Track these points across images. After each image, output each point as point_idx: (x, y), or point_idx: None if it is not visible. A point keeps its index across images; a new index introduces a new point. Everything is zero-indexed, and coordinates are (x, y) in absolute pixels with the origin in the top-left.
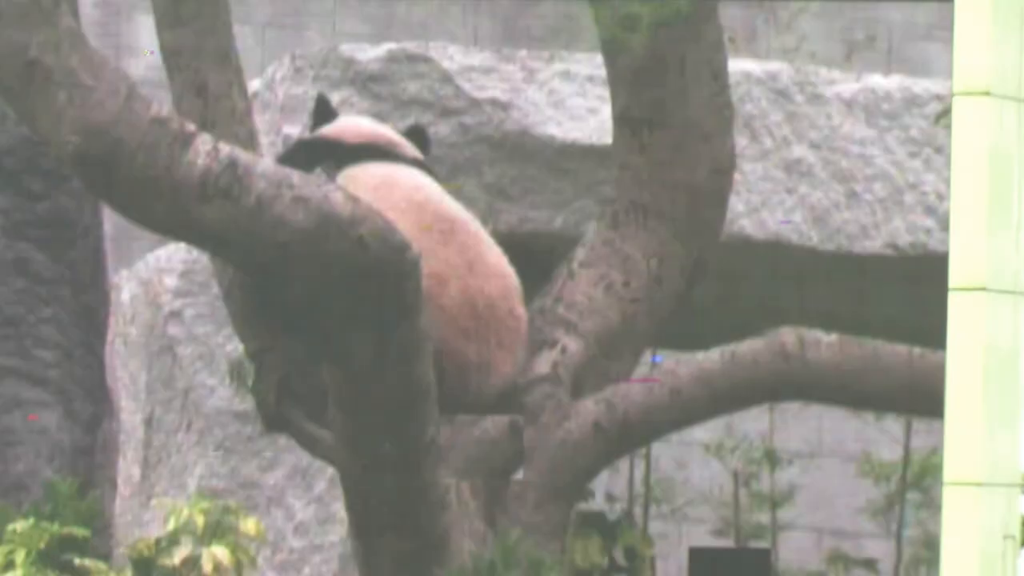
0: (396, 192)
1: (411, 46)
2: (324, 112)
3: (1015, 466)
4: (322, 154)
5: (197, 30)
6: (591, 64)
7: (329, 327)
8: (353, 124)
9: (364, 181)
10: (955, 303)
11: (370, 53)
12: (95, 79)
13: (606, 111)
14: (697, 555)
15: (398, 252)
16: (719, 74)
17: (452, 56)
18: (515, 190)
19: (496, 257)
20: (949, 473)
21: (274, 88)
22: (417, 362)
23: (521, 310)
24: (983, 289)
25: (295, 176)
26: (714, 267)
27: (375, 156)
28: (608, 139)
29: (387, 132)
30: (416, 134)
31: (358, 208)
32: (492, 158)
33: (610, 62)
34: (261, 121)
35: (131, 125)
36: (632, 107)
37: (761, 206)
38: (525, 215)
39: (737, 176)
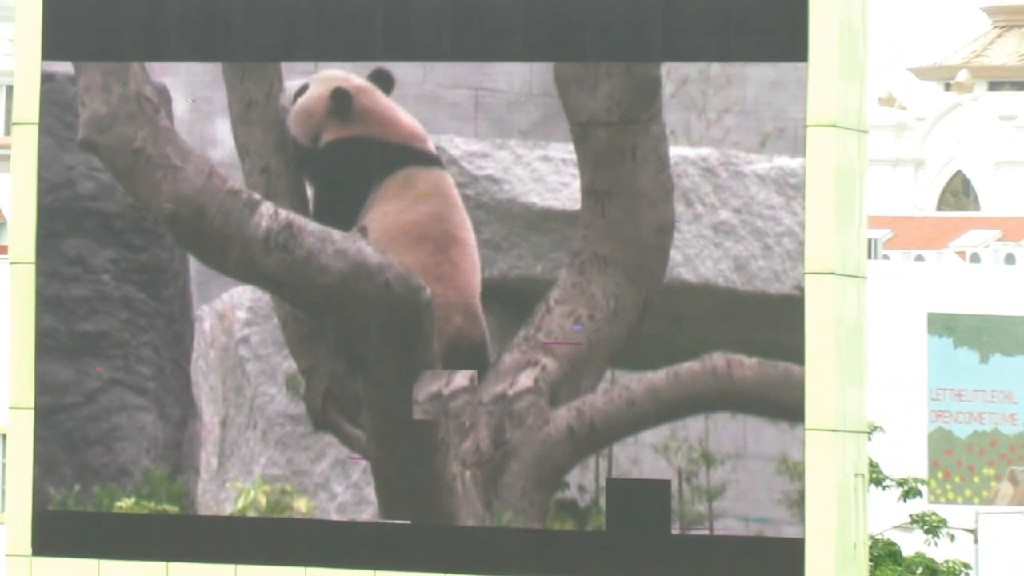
0: (428, 205)
1: None
2: (344, 106)
3: (862, 416)
4: (389, 154)
5: (262, 126)
6: (564, 150)
7: (362, 350)
8: (409, 124)
9: (418, 186)
10: (810, 285)
11: None
12: (184, 161)
13: (575, 185)
14: (613, 484)
15: (416, 292)
16: (662, 157)
17: (458, 145)
18: (505, 244)
19: (468, 275)
20: (809, 421)
21: None
22: None
23: (459, 321)
24: (832, 273)
25: (336, 234)
26: (659, 305)
27: (428, 162)
28: (577, 206)
29: (428, 139)
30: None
31: (384, 258)
32: (488, 220)
33: (579, 149)
34: (310, 193)
35: (211, 195)
36: (595, 182)
37: (695, 257)
38: (513, 263)
39: (676, 234)
